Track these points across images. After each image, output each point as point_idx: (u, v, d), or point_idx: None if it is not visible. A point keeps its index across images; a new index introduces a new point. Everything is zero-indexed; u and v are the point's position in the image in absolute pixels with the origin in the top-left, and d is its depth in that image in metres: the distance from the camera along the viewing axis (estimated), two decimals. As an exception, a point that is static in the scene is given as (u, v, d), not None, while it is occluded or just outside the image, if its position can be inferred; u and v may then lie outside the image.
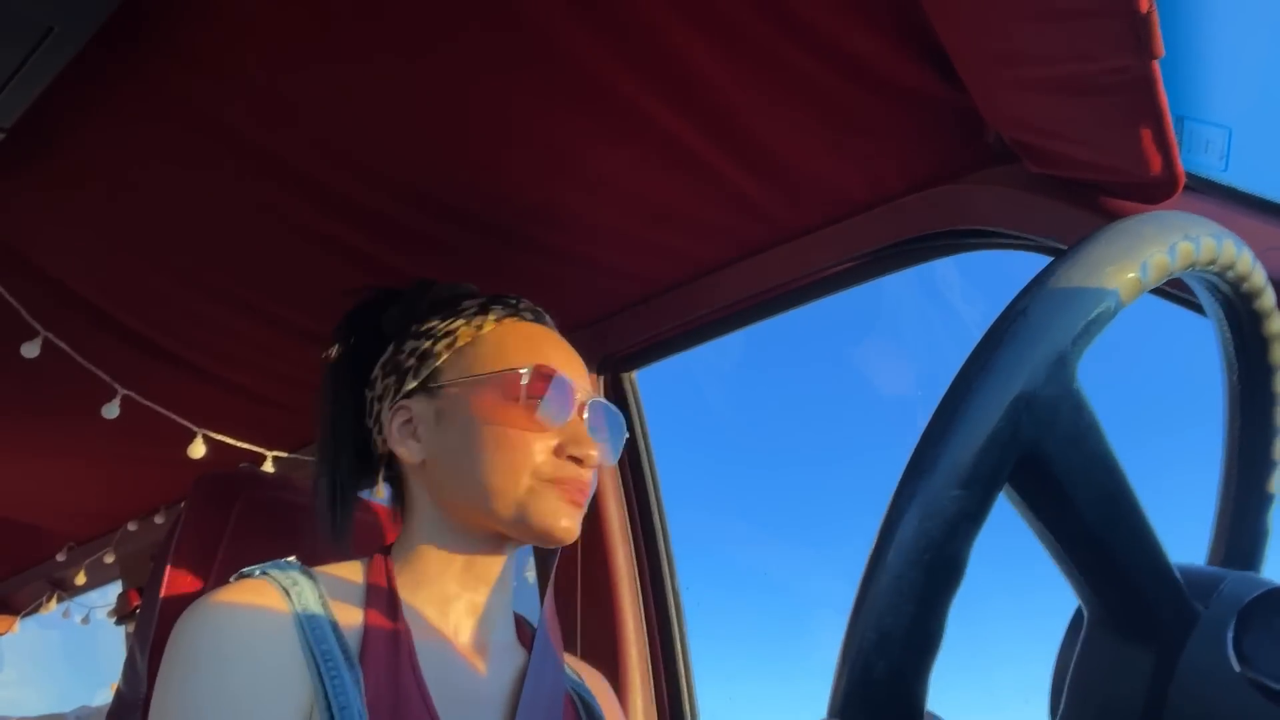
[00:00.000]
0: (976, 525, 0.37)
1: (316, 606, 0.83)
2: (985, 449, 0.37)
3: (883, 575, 0.36)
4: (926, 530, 0.36)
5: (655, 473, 1.43)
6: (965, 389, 0.38)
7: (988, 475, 0.37)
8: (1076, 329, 0.40)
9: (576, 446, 0.90)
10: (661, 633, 1.36)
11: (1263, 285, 0.50)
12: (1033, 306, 0.40)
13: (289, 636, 0.80)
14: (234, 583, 0.84)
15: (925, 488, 0.37)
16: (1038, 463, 0.39)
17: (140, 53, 1.01)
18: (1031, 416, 0.38)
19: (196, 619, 0.80)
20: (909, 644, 0.36)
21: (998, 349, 0.39)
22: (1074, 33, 0.71)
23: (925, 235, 1.09)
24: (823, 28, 0.89)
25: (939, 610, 0.37)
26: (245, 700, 0.75)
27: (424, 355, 0.95)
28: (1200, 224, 0.46)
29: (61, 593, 2.55)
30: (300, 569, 0.87)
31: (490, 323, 0.96)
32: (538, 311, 1.01)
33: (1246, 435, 0.55)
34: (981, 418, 0.38)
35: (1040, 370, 0.39)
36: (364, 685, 0.79)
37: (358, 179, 1.16)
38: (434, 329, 0.96)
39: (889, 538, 0.37)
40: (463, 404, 0.91)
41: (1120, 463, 0.42)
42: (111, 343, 1.50)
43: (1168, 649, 0.42)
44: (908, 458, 0.38)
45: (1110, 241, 0.42)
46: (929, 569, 0.36)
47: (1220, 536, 0.56)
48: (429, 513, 0.92)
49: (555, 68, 0.98)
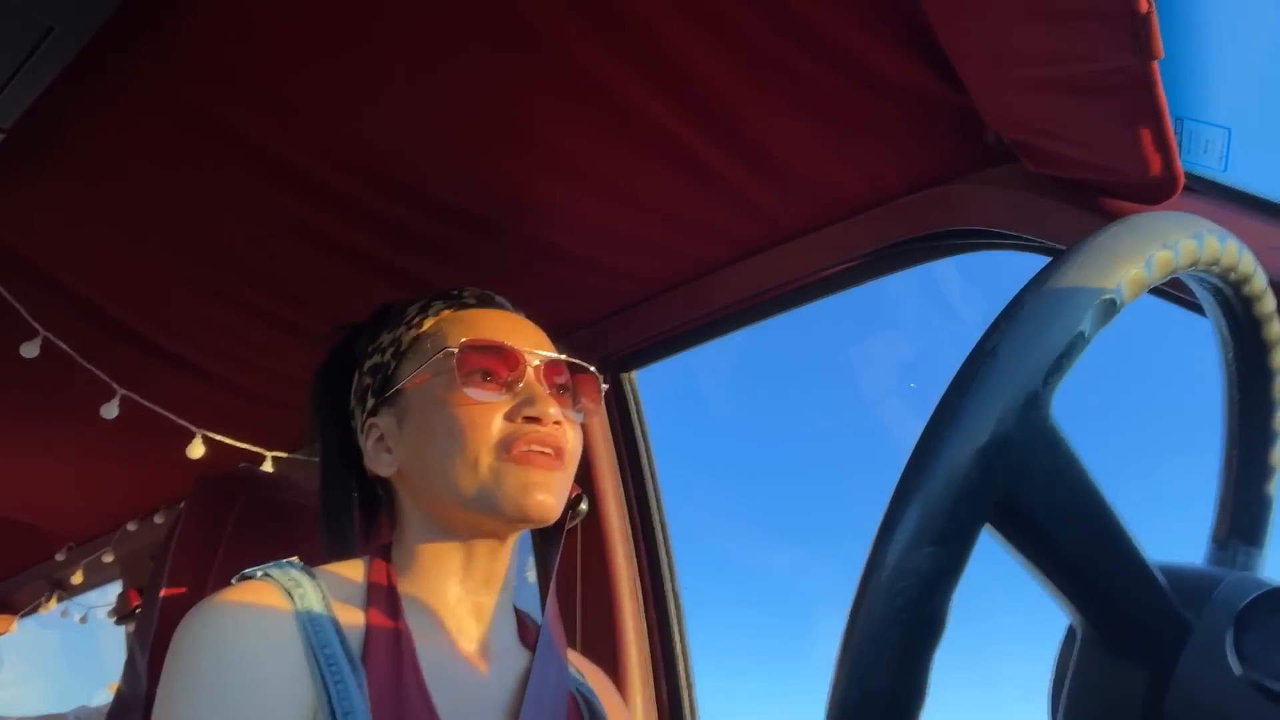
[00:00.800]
0: (954, 579, 0.37)
1: (319, 607, 0.83)
2: (959, 503, 0.37)
3: (862, 634, 0.36)
4: (904, 589, 0.36)
5: (655, 473, 1.43)
6: (936, 439, 0.38)
7: (963, 529, 0.37)
8: (1047, 364, 0.39)
9: (530, 406, 0.88)
10: (661, 633, 1.36)
11: (1263, 289, 0.50)
12: (1001, 345, 0.39)
13: (292, 640, 0.79)
14: (236, 584, 0.84)
15: (899, 546, 0.36)
16: (1016, 507, 0.39)
17: (140, 53, 1.01)
18: (1005, 462, 0.38)
19: (198, 623, 0.79)
20: (893, 701, 0.36)
21: (966, 395, 0.38)
22: (1073, 33, 0.71)
23: (925, 235, 1.09)
24: (823, 28, 0.89)
25: (921, 666, 0.37)
26: (248, 707, 0.75)
27: (376, 370, 0.96)
28: (1179, 226, 0.45)
29: (61, 593, 2.55)
30: (302, 569, 0.87)
31: (430, 320, 0.96)
32: (485, 296, 1.01)
33: (1245, 439, 0.55)
34: (954, 470, 0.37)
35: (1011, 413, 0.38)
36: (367, 688, 0.79)
37: (358, 180, 1.16)
38: (382, 343, 0.97)
39: (867, 596, 0.37)
40: (414, 403, 0.92)
41: (1099, 489, 0.41)
42: (111, 343, 1.50)
43: (1161, 663, 0.43)
44: (881, 514, 0.38)
45: (1081, 262, 0.41)
46: (908, 627, 0.36)
47: (1219, 539, 0.56)
48: (417, 520, 0.92)
49: (556, 69, 0.98)
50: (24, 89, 1.02)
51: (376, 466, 0.94)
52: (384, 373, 0.95)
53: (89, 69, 1.01)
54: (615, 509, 1.38)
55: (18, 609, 2.70)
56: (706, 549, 2.04)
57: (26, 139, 1.11)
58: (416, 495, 0.92)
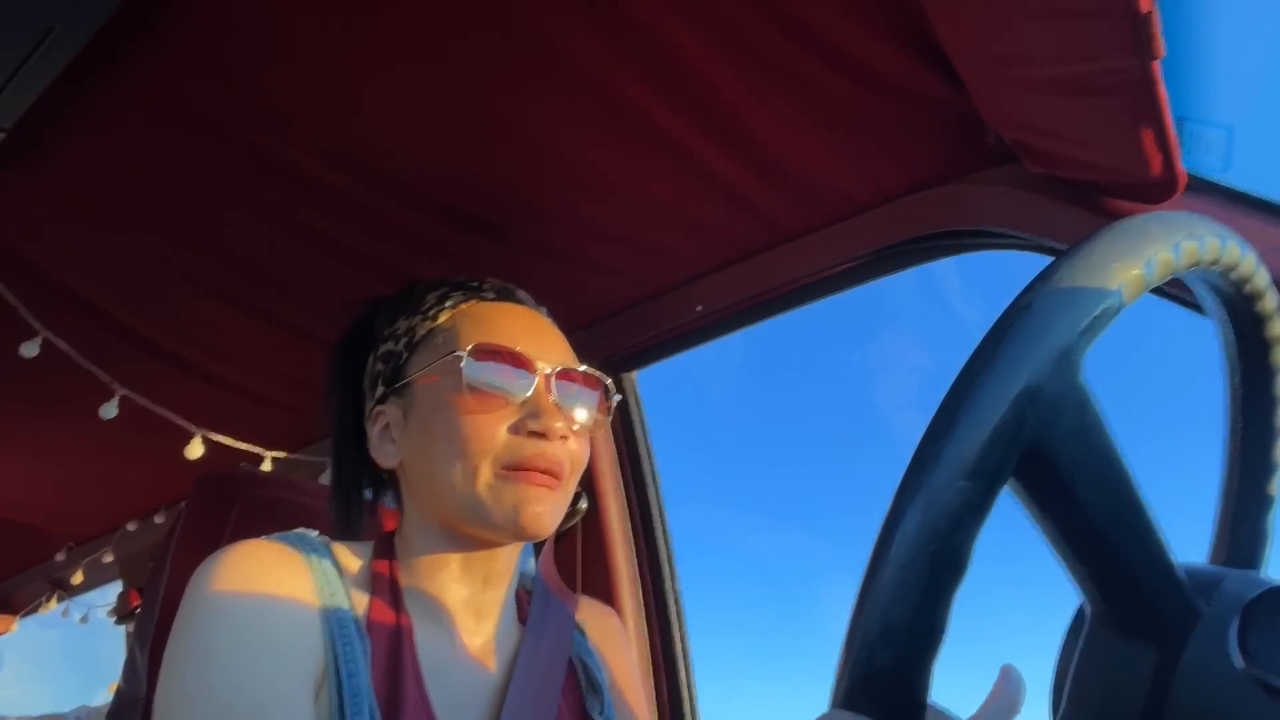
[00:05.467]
0: (981, 517, 0.37)
1: (333, 574, 0.83)
2: (990, 442, 0.37)
3: (887, 566, 0.36)
4: (931, 521, 0.36)
5: (655, 472, 1.43)
6: (970, 382, 0.38)
7: (992, 468, 0.37)
8: (1081, 324, 0.40)
9: (536, 420, 0.85)
10: (661, 633, 1.36)
11: (1265, 287, 0.51)
12: (1038, 301, 0.40)
13: (308, 596, 0.80)
14: (258, 539, 0.83)
15: (930, 479, 0.37)
16: (1042, 457, 0.39)
17: (140, 53, 1.01)
18: (1036, 411, 0.38)
19: (223, 562, 0.79)
20: (913, 635, 0.36)
21: (1003, 343, 0.39)
22: (1075, 33, 0.71)
23: (925, 235, 1.09)
24: (823, 28, 0.89)
25: (943, 601, 0.37)
26: (265, 651, 0.75)
27: (388, 357, 0.94)
28: (1205, 224, 0.46)
29: (61, 592, 2.55)
30: (319, 538, 0.87)
31: (446, 311, 0.93)
32: (506, 289, 0.98)
33: (1248, 438, 0.55)
34: (986, 411, 0.38)
35: (1045, 365, 0.39)
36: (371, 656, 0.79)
37: (358, 180, 1.16)
38: (398, 329, 0.94)
39: (893, 529, 0.37)
40: (420, 399, 0.90)
41: (1125, 459, 0.42)
42: (111, 342, 1.50)
43: (1169, 647, 0.43)
44: (913, 450, 0.38)
45: (1115, 238, 0.42)
46: (933, 560, 0.36)
47: (1221, 538, 0.56)
48: (416, 515, 0.91)
49: (558, 70, 0.98)
50: (24, 89, 1.02)
51: (379, 456, 0.92)
52: (395, 362, 0.93)
53: (89, 69, 1.01)
54: (615, 509, 1.38)
55: (18, 609, 2.70)
56: (706, 548, 2.04)
57: (26, 139, 1.11)
58: (416, 491, 0.91)
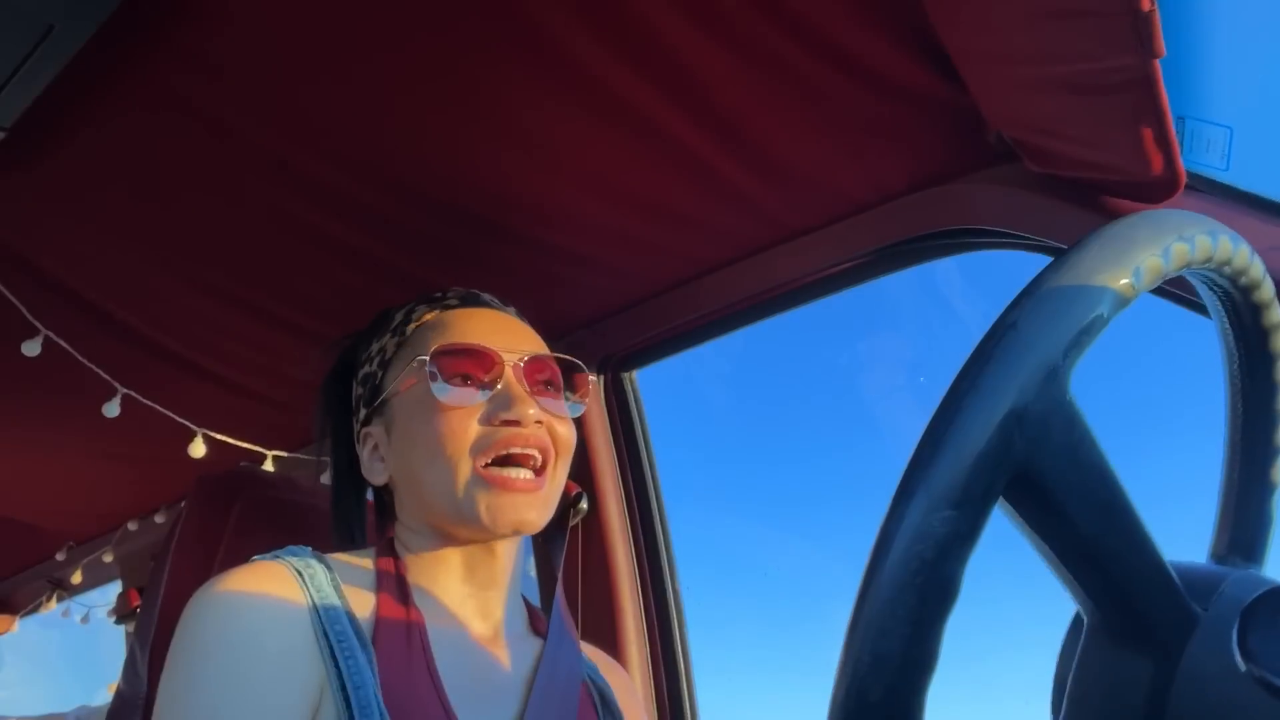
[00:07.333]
0: (969, 545, 0.37)
1: (330, 589, 0.83)
2: (976, 469, 0.37)
3: (876, 598, 0.36)
4: (918, 552, 0.36)
5: (655, 472, 1.43)
6: (955, 407, 0.38)
7: (979, 495, 0.37)
8: (1067, 340, 0.39)
9: (507, 409, 0.87)
10: (661, 632, 1.36)
11: (1261, 277, 0.50)
12: (1022, 320, 0.39)
13: (300, 618, 0.80)
14: (249, 564, 0.84)
15: (916, 509, 0.37)
16: (1031, 479, 0.39)
17: (141, 51, 1.01)
18: (1023, 433, 0.38)
19: (207, 599, 0.79)
20: (904, 666, 0.36)
21: (987, 365, 0.38)
22: (1075, 32, 0.71)
23: (925, 235, 1.09)
24: (823, 27, 0.89)
25: (933, 631, 0.37)
26: (253, 682, 0.75)
27: (366, 379, 0.96)
28: (1195, 222, 0.45)
29: (61, 592, 2.55)
30: (314, 553, 0.87)
31: (413, 325, 0.96)
32: (469, 295, 1.00)
33: (1249, 425, 0.54)
34: (972, 437, 0.37)
35: (1031, 385, 0.38)
36: (378, 665, 0.79)
37: (359, 180, 1.16)
38: (372, 351, 0.97)
39: (881, 560, 0.37)
40: (398, 412, 0.92)
41: (1114, 471, 0.41)
42: (111, 342, 1.50)
43: (1167, 653, 0.42)
44: (899, 478, 0.38)
45: (1102, 246, 0.42)
46: (922, 591, 0.36)
47: (1224, 527, 0.56)
48: (415, 525, 0.92)
49: (558, 70, 0.98)
50: (24, 89, 1.02)
51: (371, 475, 0.95)
52: (372, 382, 0.95)
53: (89, 68, 1.01)
54: (615, 508, 1.38)
55: (18, 609, 2.70)
56: (707, 547, 2.04)
57: (26, 139, 1.11)
58: (408, 502, 0.92)
